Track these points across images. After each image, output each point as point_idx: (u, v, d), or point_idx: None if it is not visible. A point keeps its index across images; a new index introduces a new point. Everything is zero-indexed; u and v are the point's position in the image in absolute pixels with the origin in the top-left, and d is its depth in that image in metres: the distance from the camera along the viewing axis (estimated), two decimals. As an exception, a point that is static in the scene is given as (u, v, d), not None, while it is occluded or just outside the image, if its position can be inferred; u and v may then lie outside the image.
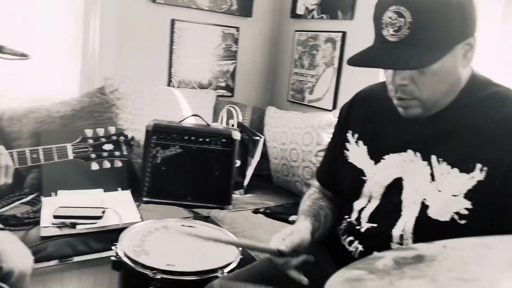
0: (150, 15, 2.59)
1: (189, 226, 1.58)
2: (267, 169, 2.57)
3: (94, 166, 1.52)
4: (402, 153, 1.02)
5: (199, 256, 1.37)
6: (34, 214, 1.79)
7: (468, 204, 0.91)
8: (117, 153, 1.55)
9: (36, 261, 1.48)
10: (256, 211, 2.11)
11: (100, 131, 1.53)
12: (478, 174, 0.90)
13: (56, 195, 1.96)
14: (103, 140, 1.52)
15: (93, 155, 1.50)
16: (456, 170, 0.93)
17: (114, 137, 1.54)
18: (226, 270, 1.31)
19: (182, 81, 2.77)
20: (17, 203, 1.91)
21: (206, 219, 1.99)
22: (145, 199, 2.07)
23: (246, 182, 2.37)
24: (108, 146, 1.53)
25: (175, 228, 1.56)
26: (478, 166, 0.90)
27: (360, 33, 2.40)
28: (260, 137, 2.38)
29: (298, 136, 2.36)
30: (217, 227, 1.65)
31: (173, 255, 1.36)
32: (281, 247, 1.02)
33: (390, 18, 0.88)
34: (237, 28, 2.90)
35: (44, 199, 1.91)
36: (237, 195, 2.30)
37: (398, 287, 0.41)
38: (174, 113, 2.46)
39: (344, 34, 2.52)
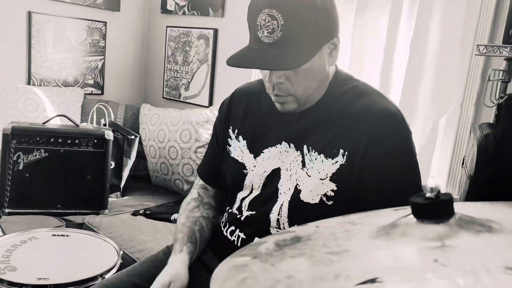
0: (3, 7, 2.32)
1: (62, 235, 1.47)
2: (144, 169, 2.50)
3: None
4: (278, 145, 1.08)
5: (76, 265, 1.29)
6: None
7: (333, 186, 1.00)
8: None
9: None
10: (135, 213, 2.04)
11: None
12: (340, 159, 1.00)
13: None
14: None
15: None
16: (322, 156, 1.02)
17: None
18: (107, 276, 1.25)
19: (44, 79, 2.54)
20: None
21: (81, 226, 1.86)
22: (7, 210, 1.86)
23: (122, 183, 2.27)
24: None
25: (46, 239, 1.43)
26: (341, 151, 1.00)
27: (232, 30, 2.46)
28: (136, 136, 2.30)
29: (176, 133, 2.34)
30: (93, 233, 1.56)
31: (46, 267, 1.25)
32: None
33: (264, 20, 0.92)
34: (105, 23, 2.75)
35: None
36: (113, 199, 2.19)
37: (280, 267, 0.44)
38: (36, 114, 2.25)
39: (216, 31, 2.56)
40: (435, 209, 0.46)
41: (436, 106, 1.71)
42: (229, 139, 1.18)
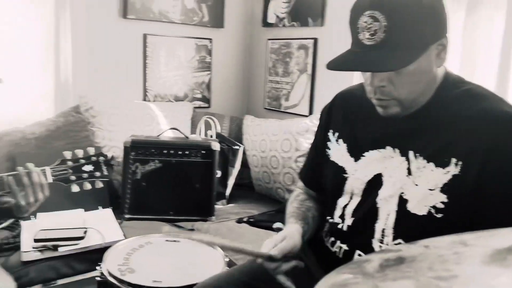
0: (121, 31, 2.58)
1: (174, 241, 1.58)
2: (248, 178, 2.58)
3: (75, 188, 1.50)
4: (381, 150, 1.05)
5: (186, 271, 1.37)
6: (14, 239, 1.75)
7: (444, 198, 0.94)
8: (97, 174, 1.52)
9: (19, 287, 1.45)
10: (239, 221, 2.12)
11: (79, 153, 1.51)
12: (453, 168, 0.93)
13: (35, 218, 1.92)
14: (83, 161, 1.50)
15: (73, 177, 1.48)
16: (432, 164, 0.96)
17: (94, 158, 1.52)
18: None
19: (158, 95, 2.77)
20: (-5, 229, 1.87)
21: (191, 232, 1.98)
22: (127, 216, 2.05)
23: (228, 192, 2.37)
24: (88, 167, 1.51)
25: (160, 244, 1.55)
26: (453, 160, 0.93)
27: (331, 39, 2.45)
28: (240, 146, 2.39)
29: (277, 143, 2.38)
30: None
31: (159, 271, 1.35)
32: (273, 252, 1.03)
33: (365, 22, 0.91)
34: (210, 40, 2.91)
35: (23, 223, 1.87)
36: (219, 206, 2.30)
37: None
38: (151, 127, 2.45)
39: (315, 40, 2.56)
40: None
41: None
42: (328, 143, 1.18)
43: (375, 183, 1.05)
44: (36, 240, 1.68)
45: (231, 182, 2.38)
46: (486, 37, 1.73)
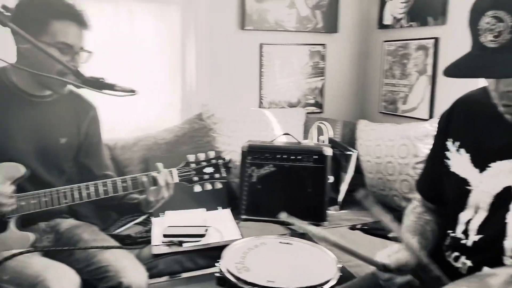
0: (239, 42, 2.73)
1: (287, 243, 1.62)
2: (362, 184, 2.53)
3: (197, 188, 1.64)
4: (511, 160, 0.96)
5: (298, 273, 1.40)
6: (146, 233, 1.96)
7: None
8: (217, 176, 1.65)
9: (149, 277, 1.62)
10: (353, 228, 2.09)
11: (201, 156, 1.64)
12: None
13: (164, 216, 2.12)
14: (204, 164, 1.63)
15: (195, 178, 1.62)
16: None
17: (214, 161, 1.64)
18: (325, 287, 1.31)
19: (272, 102, 2.86)
20: (131, 224, 2.11)
21: (303, 236, 2.01)
22: (243, 217, 2.16)
23: (340, 198, 2.35)
24: (208, 169, 1.64)
25: (273, 245, 1.60)
26: None
27: (455, 38, 2.29)
28: (353, 152, 2.36)
29: (393, 148, 2.29)
30: (314, 244, 1.67)
31: (273, 271, 1.39)
32: (387, 261, 1.01)
33: (487, 23, 0.85)
34: (324, 45, 2.92)
35: (154, 220, 2.08)
36: (332, 212, 2.29)
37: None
38: (266, 133, 2.54)
39: (436, 40, 2.42)
40: None
41: None
42: (447, 152, 1.11)
43: (504, 196, 0.97)
44: (165, 236, 1.86)
45: (343, 188, 2.36)
46: None
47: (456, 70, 0.91)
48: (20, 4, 1.45)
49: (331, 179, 2.27)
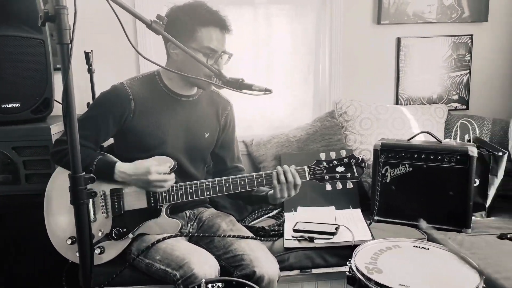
0: (375, 37, 2.64)
1: (423, 248, 1.53)
2: (515, 189, 2.25)
3: (328, 187, 1.65)
4: None
5: (436, 280, 1.32)
6: (278, 227, 2.03)
7: None
8: (348, 175, 1.63)
9: (280, 269, 1.68)
10: (502, 236, 1.87)
11: (333, 155, 1.65)
12: None
13: (295, 211, 2.17)
14: (335, 162, 1.64)
15: (326, 177, 1.63)
16: None
17: (346, 160, 1.63)
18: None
19: (410, 98, 2.71)
20: (265, 217, 2.21)
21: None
22: (376, 218, 2.09)
23: (488, 203, 2.13)
24: (340, 168, 1.64)
25: (408, 249, 1.53)
26: None
27: None
28: (504, 153, 2.11)
29: (555, 150, 2.00)
30: (453, 251, 1.55)
31: (407, 275, 1.34)
32: None
33: None
34: (471, 36, 2.67)
35: (286, 214, 2.15)
36: (477, 218, 2.09)
37: None
38: (403, 131, 2.42)
39: None
40: None
41: None
42: None
43: None
44: (295, 231, 1.90)
45: (492, 192, 2.13)
46: None
47: None
48: (170, 13, 1.62)
49: (476, 182, 2.07)
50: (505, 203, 2.22)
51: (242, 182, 1.64)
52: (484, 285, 1.27)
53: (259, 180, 1.64)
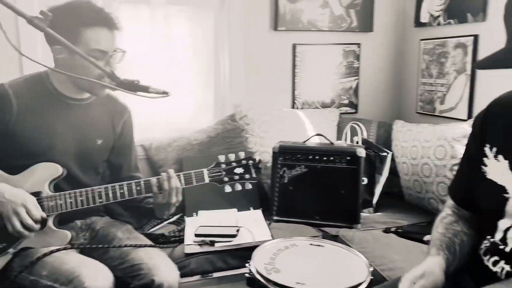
0: (273, 43, 2.73)
1: (318, 245, 1.60)
2: (397, 186, 2.47)
3: (227, 188, 1.65)
4: None
5: (329, 275, 1.38)
6: (179, 232, 1.99)
7: None
8: (247, 176, 1.65)
9: (181, 276, 1.64)
10: (387, 230, 2.04)
11: (232, 156, 1.65)
12: None
13: (197, 215, 2.15)
14: (234, 164, 1.64)
15: (226, 179, 1.63)
16: None
17: (244, 161, 1.65)
18: (357, 291, 1.29)
19: (306, 102, 2.84)
20: (165, 223, 2.15)
21: (335, 238, 1.99)
22: (275, 218, 2.15)
23: (375, 200, 2.31)
24: (239, 170, 1.65)
25: (304, 247, 1.59)
26: None
27: (495, 35, 2.20)
28: (388, 153, 2.30)
29: (430, 149, 2.23)
30: (346, 246, 1.64)
31: (303, 273, 1.38)
32: None
33: None
34: (358, 44, 2.88)
35: (187, 219, 2.11)
36: (366, 214, 2.25)
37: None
38: (299, 134, 2.52)
39: (476, 37, 2.33)
40: None
41: None
42: (484, 159, 1.05)
43: None
44: (196, 235, 1.88)
45: (378, 190, 2.31)
46: None
47: (489, 62, 0.88)
48: (53, 13, 1.50)
49: (365, 180, 2.23)
50: (389, 199, 2.42)
51: (121, 191, 1.55)
52: (372, 277, 1.36)
53: (138, 188, 1.56)
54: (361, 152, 2.09)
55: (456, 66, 2.48)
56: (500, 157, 1.02)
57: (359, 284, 1.31)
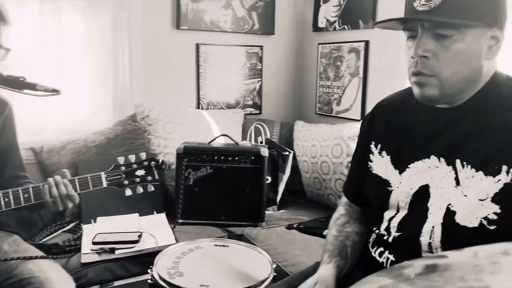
0: (175, 42, 2.67)
1: (223, 246, 1.60)
2: (299, 184, 2.56)
3: (128, 192, 1.57)
4: (425, 160, 1.00)
5: (233, 275, 1.38)
6: (75, 241, 1.86)
7: (496, 208, 0.88)
8: (149, 178, 1.59)
9: (78, 287, 1.53)
10: (289, 227, 2.11)
11: (132, 158, 1.58)
12: (504, 177, 0.87)
13: (95, 222, 2.02)
14: (135, 166, 1.57)
15: (126, 182, 1.55)
16: (481, 173, 0.90)
17: (146, 163, 1.58)
18: (261, 287, 1.31)
19: (211, 103, 2.83)
20: (60, 231, 1.99)
21: (240, 237, 2.00)
22: (180, 220, 2.11)
23: (278, 198, 2.37)
24: (140, 172, 1.58)
25: (209, 248, 1.58)
26: (504, 168, 0.87)
27: (383, 40, 2.39)
28: (289, 152, 2.38)
29: (328, 148, 2.35)
30: (250, 245, 1.66)
31: (207, 275, 1.37)
32: None
33: None
34: (261, 47, 2.94)
35: (84, 227, 1.98)
36: (270, 212, 2.30)
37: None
38: (204, 134, 2.50)
39: (367, 43, 2.51)
40: None
41: None
42: (370, 155, 1.13)
43: (421, 195, 1.00)
44: (94, 243, 1.77)
45: (281, 188, 2.38)
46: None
47: (385, 21, 0.95)
48: None
49: (268, 179, 2.28)
50: (292, 196, 2.50)
51: (26, 195, 1.42)
52: (275, 273, 1.39)
53: (26, 195, 1.42)
54: (265, 152, 2.14)
55: (350, 70, 2.64)
56: (384, 153, 1.10)
57: (263, 281, 1.33)
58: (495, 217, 0.88)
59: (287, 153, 2.37)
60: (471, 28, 0.88)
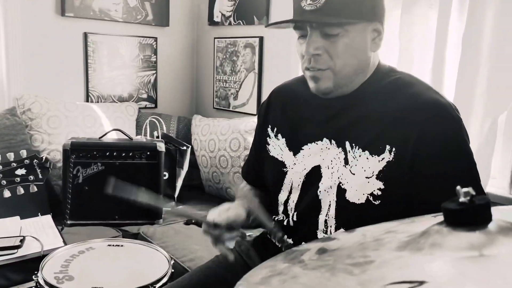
0: (60, 30, 2.48)
1: (117, 245, 1.52)
2: (198, 179, 2.55)
3: (6, 193, 1.43)
4: (318, 142, 1.06)
5: (129, 275, 1.33)
6: None
7: (380, 184, 0.96)
8: (31, 178, 1.46)
9: None
10: (188, 222, 2.08)
11: (11, 156, 1.44)
12: (387, 155, 0.96)
13: (-33, 229, 1.80)
14: (15, 165, 1.43)
15: (4, 182, 1.41)
16: (367, 152, 0.98)
17: (27, 161, 1.45)
18: (158, 285, 1.27)
19: (101, 96, 2.68)
20: None
21: (136, 236, 1.93)
22: (69, 222, 1.97)
23: (176, 193, 2.33)
24: (20, 171, 1.44)
25: (102, 249, 1.49)
26: (387, 147, 0.96)
27: (277, 36, 2.46)
28: (187, 147, 2.35)
29: (226, 142, 2.36)
30: (146, 243, 1.61)
31: (100, 277, 1.29)
32: (218, 220, 1.05)
33: None
34: (155, 38, 2.85)
35: (-47, 235, 1.74)
36: (168, 208, 2.24)
37: (300, 280, 0.42)
38: (94, 129, 2.36)
39: (261, 39, 2.57)
40: (469, 215, 0.42)
41: (494, 102, 1.60)
42: (268, 138, 1.18)
43: (314, 176, 1.06)
44: (-34, 252, 1.57)
45: (179, 183, 2.34)
46: (421, 34, 1.80)
47: (277, 23, 1.01)
48: None
49: (166, 175, 2.22)
50: (190, 192, 2.47)
51: None
52: (173, 270, 1.36)
53: None
54: (161, 147, 2.08)
55: (246, 65, 2.69)
56: (279, 135, 1.16)
57: (160, 279, 1.30)
58: (379, 192, 0.96)
59: (185, 147, 2.34)
60: (354, 24, 0.96)
